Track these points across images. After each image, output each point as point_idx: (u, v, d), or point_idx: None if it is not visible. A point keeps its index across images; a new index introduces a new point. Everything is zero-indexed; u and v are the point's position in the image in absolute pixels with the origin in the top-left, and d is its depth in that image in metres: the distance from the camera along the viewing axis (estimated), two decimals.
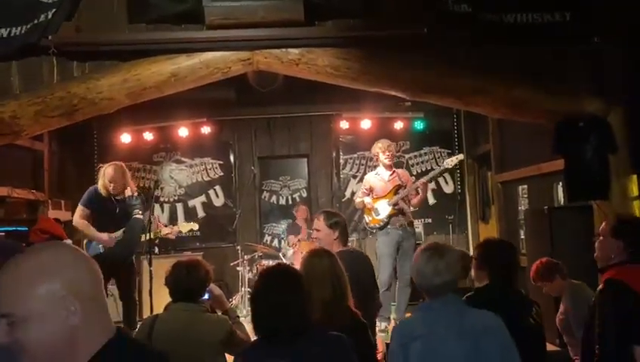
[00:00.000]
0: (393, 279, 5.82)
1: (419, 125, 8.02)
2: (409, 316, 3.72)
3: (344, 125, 7.94)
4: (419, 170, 8.04)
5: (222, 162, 8.17)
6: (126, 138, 7.79)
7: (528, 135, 5.74)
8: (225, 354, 2.82)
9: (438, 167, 7.84)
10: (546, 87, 3.94)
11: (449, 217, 7.99)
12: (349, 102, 7.46)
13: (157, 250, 6.85)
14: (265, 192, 8.38)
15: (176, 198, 8.09)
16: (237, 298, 6.97)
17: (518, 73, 3.92)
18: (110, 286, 5.39)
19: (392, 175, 5.93)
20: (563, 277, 3.83)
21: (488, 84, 3.96)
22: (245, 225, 8.06)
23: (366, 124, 7.89)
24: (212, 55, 3.77)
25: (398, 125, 7.93)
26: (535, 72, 3.92)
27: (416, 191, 5.85)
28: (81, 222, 5.12)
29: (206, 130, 7.88)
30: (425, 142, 8.16)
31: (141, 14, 3.73)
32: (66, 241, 3.58)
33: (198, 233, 7.84)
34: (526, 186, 6.25)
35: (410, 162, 8.13)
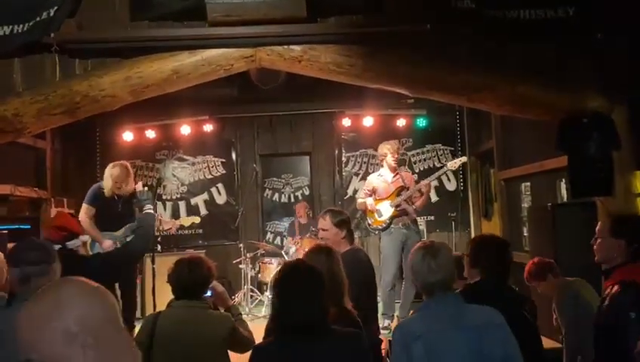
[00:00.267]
0: (398, 278, 5.82)
1: (421, 122, 7.99)
2: (410, 315, 3.71)
3: (346, 123, 7.92)
4: (421, 168, 8.04)
5: (224, 160, 8.17)
6: (128, 136, 7.80)
7: (531, 132, 5.72)
8: (227, 352, 2.82)
9: (440, 164, 7.86)
10: (550, 84, 3.93)
11: (452, 214, 7.98)
12: (351, 99, 7.44)
13: (159, 247, 6.86)
14: (267, 190, 8.39)
15: (178, 196, 8.10)
16: (239, 295, 6.99)
17: (522, 70, 3.91)
18: None
19: (395, 176, 5.92)
20: (555, 276, 3.78)
21: (492, 81, 3.94)
22: (248, 223, 8.06)
23: (368, 121, 7.87)
24: (214, 52, 3.76)
25: (401, 122, 7.91)
26: (539, 68, 3.91)
27: (420, 193, 5.84)
28: (88, 222, 5.09)
29: (208, 127, 7.88)
30: (427, 140, 8.14)
31: (143, 11, 3.73)
32: (83, 238, 3.57)
33: (201, 231, 7.88)
34: (529, 183, 6.22)
35: (412, 159, 8.12)
